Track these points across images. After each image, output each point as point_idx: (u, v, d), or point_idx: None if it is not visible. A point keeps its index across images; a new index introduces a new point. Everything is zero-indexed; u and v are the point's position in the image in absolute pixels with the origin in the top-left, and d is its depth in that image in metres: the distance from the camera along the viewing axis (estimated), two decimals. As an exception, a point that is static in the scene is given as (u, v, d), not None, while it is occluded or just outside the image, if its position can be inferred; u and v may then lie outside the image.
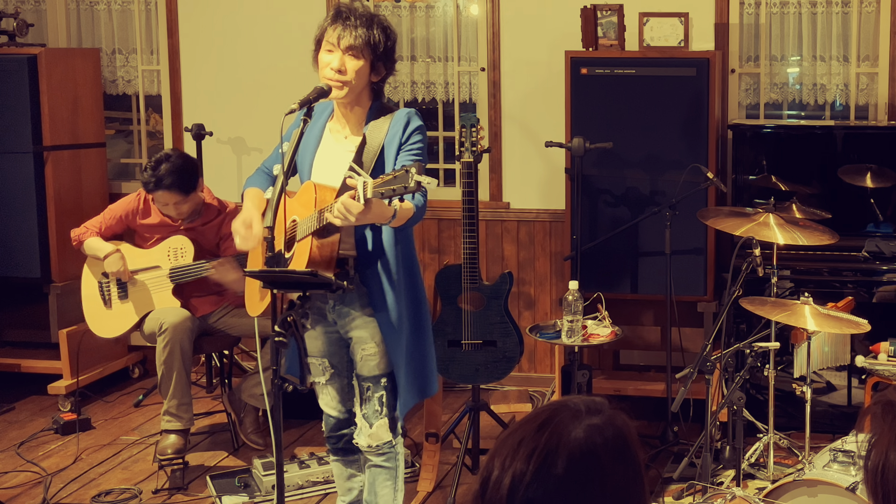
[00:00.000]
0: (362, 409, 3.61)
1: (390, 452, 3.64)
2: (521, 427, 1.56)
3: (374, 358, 3.57)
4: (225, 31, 6.15)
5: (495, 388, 5.76)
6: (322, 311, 3.65)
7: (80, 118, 6.03)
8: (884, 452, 1.66)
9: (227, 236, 5.08)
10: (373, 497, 3.70)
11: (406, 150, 3.50)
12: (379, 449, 3.62)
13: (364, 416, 3.61)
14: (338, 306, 3.61)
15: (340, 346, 3.69)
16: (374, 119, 3.56)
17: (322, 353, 3.69)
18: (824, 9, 5.57)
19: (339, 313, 3.61)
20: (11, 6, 6.21)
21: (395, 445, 3.65)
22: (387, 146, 3.52)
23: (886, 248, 5.02)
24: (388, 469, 3.65)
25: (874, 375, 4.58)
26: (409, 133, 3.51)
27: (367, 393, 3.60)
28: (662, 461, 4.86)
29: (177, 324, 4.82)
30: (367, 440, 3.61)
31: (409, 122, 3.53)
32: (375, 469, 3.66)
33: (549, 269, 5.89)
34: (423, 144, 3.54)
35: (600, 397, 1.62)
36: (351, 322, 3.60)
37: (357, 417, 3.65)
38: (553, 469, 1.49)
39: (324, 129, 3.65)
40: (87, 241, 5.04)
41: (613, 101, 5.21)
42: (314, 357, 3.69)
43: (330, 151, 3.62)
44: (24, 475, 4.85)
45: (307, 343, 3.64)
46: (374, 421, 3.59)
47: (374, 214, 3.26)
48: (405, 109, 3.58)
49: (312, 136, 3.63)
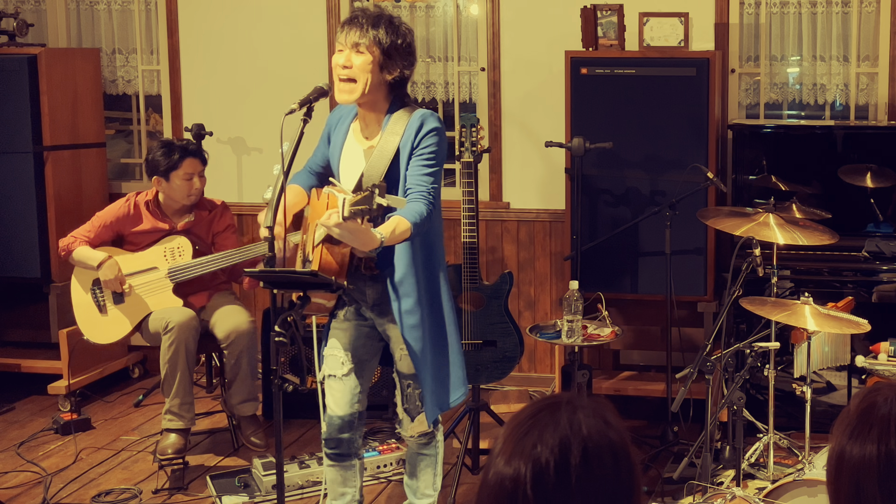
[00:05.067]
0: (404, 404, 3.75)
1: (433, 442, 3.82)
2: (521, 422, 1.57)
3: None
4: (225, 31, 6.15)
5: (495, 388, 5.76)
6: (359, 306, 3.67)
7: (80, 118, 6.03)
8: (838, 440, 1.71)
9: (220, 232, 5.09)
10: (414, 481, 3.88)
11: (418, 154, 3.50)
12: (421, 438, 3.80)
13: (406, 411, 3.76)
14: (376, 304, 3.65)
15: (367, 344, 3.73)
16: (392, 121, 3.56)
17: (347, 346, 3.71)
18: (824, 9, 5.57)
19: (380, 310, 3.66)
20: (11, 6, 6.21)
21: (436, 434, 3.82)
22: (401, 150, 3.52)
23: (886, 248, 5.02)
24: (429, 456, 3.84)
25: (874, 375, 4.57)
26: (422, 137, 3.51)
27: (409, 390, 3.72)
28: (662, 461, 4.86)
29: (183, 323, 4.81)
30: (411, 430, 3.78)
31: (423, 125, 3.52)
32: (417, 456, 3.85)
33: (549, 269, 5.89)
34: (436, 148, 3.53)
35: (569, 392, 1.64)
36: (388, 321, 3.65)
37: (399, 410, 3.80)
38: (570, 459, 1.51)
39: (348, 131, 3.66)
40: (76, 251, 4.96)
41: (613, 101, 5.21)
42: (336, 349, 3.69)
43: (353, 153, 3.65)
44: (24, 475, 4.85)
45: (334, 334, 3.68)
46: (416, 415, 3.74)
47: (358, 240, 3.25)
48: (421, 111, 3.57)
49: (339, 138, 3.68)
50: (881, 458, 1.67)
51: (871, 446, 1.68)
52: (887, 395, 1.73)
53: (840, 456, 1.71)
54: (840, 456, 1.71)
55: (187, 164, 4.96)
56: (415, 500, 3.91)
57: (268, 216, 3.31)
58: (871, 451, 1.68)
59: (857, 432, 1.70)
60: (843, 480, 1.70)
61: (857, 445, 1.69)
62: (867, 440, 1.68)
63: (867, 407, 1.73)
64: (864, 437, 1.69)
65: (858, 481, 1.68)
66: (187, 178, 4.96)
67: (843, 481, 1.70)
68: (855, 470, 1.69)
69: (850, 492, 1.69)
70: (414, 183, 3.48)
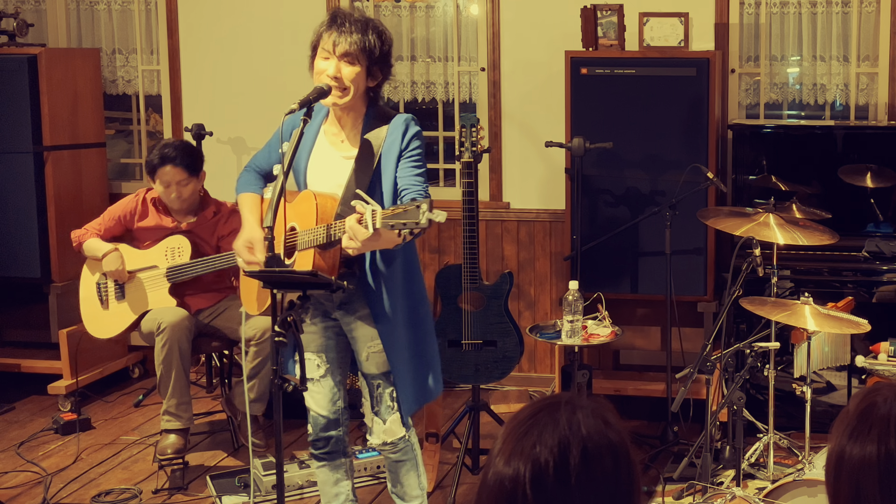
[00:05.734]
0: (374, 407, 3.64)
1: (406, 446, 3.70)
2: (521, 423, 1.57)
3: (381, 354, 3.59)
4: (225, 31, 6.15)
5: (495, 388, 5.76)
6: (324, 307, 3.65)
7: (80, 118, 6.03)
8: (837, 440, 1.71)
9: (225, 235, 5.08)
10: (399, 487, 3.78)
11: (406, 157, 3.51)
12: (395, 446, 3.68)
13: (377, 414, 3.64)
14: (343, 304, 3.62)
15: (339, 342, 3.70)
16: (370, 125, 3.57)
17: (319, 348, 3.69)
18: (824, 9, 5.57)
19: (346, 310, 3.63)
20: (11, 6, 6.21)
21: (409, 438, 3.71)
22: (384, 154, 3.52)
23: (886, 248, 5.02)
24: (407, 461, 3.73)
25: (874, 375, 4.58)
26: (408, 140, 3.52)
27: (378, 390, 3.63)
28: (662, 461, 4.86)
29: (175, 323, 4.81)
30: (383, 437, 3.65)
31: (408, 129, 3.53)
32: (395, 464, 3.73)
33: (549, 269, 5.89)
34: (422, 150, 3.56)
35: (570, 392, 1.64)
36: (356, 320, 3.61)
37: (367, 418, 3.68)
38: (570, 459, 1.51)
39: (318, 133, 3.64)
40: (86, 243, 5.03)
41: (613, 101, 5.21)
42: (310, 353, 3.69)
43: (325, 156, 3.62)
44: (24, 475, 4.85)
45: (304, 340, 3.66)
46: (388, 416, 3.63)
47: (383, 241, 3.29)
48: (402, 115, 3.58)
49: (307, 139, 3.62)
50: (881, 459, 1.67)
51: (870, 446, 1.68)
52: (887, 396, 1.73)
53: (839, 456, 1.71)
54: (839, 456, 1.71)
55: (163, 172, 4.90)
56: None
57: (267, 216, 3.30)
58: (871, 451, 1.68)
59: (856, 432, 1.71)
60: (843, 481, 1.70)
61: (856, 446, 1.69)
62: (867, 440, 1.69)
63: (867, 407, 1.73)
64: (864, 438, 1.69)
65: (858, 481, 1.68)
66: (165, 185, 4.94)
67: (843, 482, 1.70)
68: (854, 470, 1.69)
69: (849, 492, 1.69)
70: (409, 184, 3.50)
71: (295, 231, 3.58)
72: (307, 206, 3.52)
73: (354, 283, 3.53)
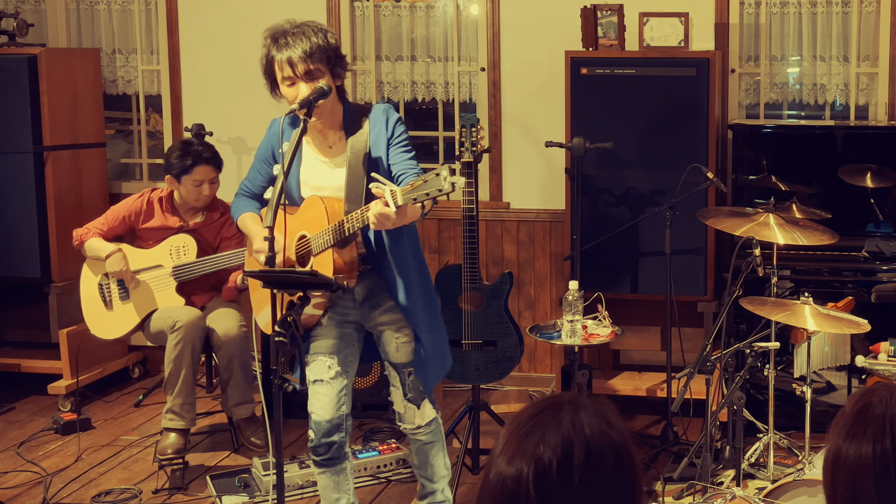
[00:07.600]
0: (406, 394, 3.80)
1: (437, 427, 3.89)
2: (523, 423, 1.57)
3: (409, 344, 3.73)
4: (225, 31, 6.15)
5: (495, 388, 5.76)
6: (344, 310, 3.67)
7: (80, 118, 6.03)
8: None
9: (228, 238, 5.09)
10: (429, 469, 3.94)
11: (395, 143, 3.61)
12: (429, 427, 3.86)
13: (410, 401, 3.80)
14: (366, 299, 3.68)
15: (353, 343, 3.76)
16: (352, 121, 3.65)
17: (332, 349, 3.71)
18: (824, 9, 5.57)
19: (370, 304, 3.70)
20: (11, 6, 6.21)
21: (439, 419, 3.91)
22: (373, 146, 3.60)
23: (886, 248, 5.02)
24: (436, 442, 3.90)
25: (874, 375, 4.58)
26: (393, 127, 3.62)
27: (410, 378, 3.77)
28: (662, 461, 4.86)
29: (191, 322, 4.82)
30: (417, 421, 3.82)
31: (389, 117, 3.63)
32: (426, 446, 3.89)
33: (549, 269, 5.89)
34: (407, 134, 3.67)
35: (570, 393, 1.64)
36: (383, 312, 3.70)
37: (398, 405, 3.82)
38: (573, 459, 1.51)
39: (300, 146, 3.66)
40: (88, 242, 5.03)
41: (613, 101, 5.21)
42: (322, 355, 3.70)
43: (316, 164, 3.69)
44: (24, 475, 4.85)
45: (317, 338, 3.68)
46: (421, 401, 3.80)
47: (408, 217, 3.37)
48: (379, 106, 3.67)
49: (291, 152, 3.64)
50: (877, 459, 1.68)
51: (866, 446, 1.68)
52: (883, 396, 1.73)
53: (836, 456, 1.72)
54: (836, 456, 1.72)
55: (199, 171, 4.98)
56: (433, 486, 3.97)
57: (267, 216, 3.31)
58: (867, 451, 1.68)
59: (852, 433, 1.71)
60: (839, 481, 1.71)
61: (853, 446, 1.70)
62: (863, 440, 1.69)
63: (863, 407, 1.73)
64: (860, 438, 1.69)
65: (854, 481, 1.69)
66: (197, 184, 4.99)
67: (839, 481, 1.71)
68: (851, 470, 1.69)
69: (845, 492, 1.70)
70: (405, 168, 3.59)
71: (306, 237, 3.59)
72: (315, 210, 3.54)
73: (373, 278, 3.61)
